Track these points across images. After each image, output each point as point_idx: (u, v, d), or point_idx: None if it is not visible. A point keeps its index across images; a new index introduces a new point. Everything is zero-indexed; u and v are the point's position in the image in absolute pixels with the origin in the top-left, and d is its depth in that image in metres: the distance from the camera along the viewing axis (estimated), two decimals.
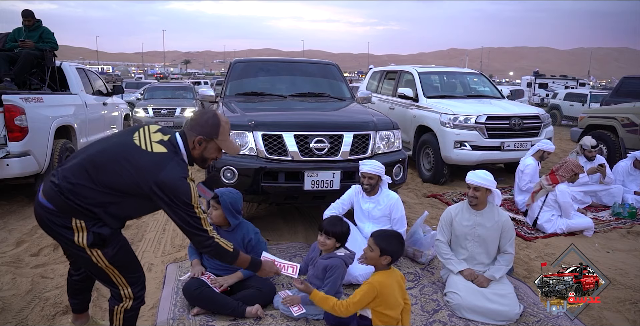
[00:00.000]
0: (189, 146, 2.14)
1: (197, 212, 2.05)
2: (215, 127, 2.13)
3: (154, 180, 1.96)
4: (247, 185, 3.74)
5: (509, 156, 6.37)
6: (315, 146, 3.82)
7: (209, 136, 2.13)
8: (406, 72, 7.99)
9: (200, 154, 2.17)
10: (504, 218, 3.18)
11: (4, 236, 4.42)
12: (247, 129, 3.88)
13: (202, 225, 2.08)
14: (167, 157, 2.03)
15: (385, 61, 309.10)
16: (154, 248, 4.14)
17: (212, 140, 2.14)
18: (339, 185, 3.82)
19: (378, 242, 2.47)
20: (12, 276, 3.51)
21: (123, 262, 2.16)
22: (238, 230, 3.07)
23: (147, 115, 11.66)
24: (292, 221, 4.83)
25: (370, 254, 2.48)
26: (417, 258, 3.77)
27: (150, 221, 4.86)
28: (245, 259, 2.32)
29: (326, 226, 2.88)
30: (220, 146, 2.18)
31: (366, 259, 2.52)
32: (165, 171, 1.97)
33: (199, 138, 2.12)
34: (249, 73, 5.80)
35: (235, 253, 2.23)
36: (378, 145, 4.09)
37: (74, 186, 1.99)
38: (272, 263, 2.54)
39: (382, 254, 2.45)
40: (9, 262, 3.78)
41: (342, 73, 6.08)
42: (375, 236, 2.52)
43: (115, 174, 1.99)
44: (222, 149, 2.20)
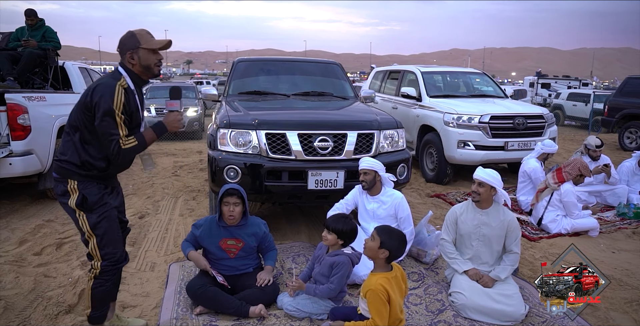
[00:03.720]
0: (128, 68, 2.38)
1: (117, 119, 2.25)
2: (132, 38, 2.36)
3: (88, 93, 2.28)
4: (251, 184, 3.72)
5: (513, 156, 6.34)
6: (319, 145, 3.80)
7: (133, 47, 2.35)
8: (409, 72, 7.97)
9: (140, 66, 2.37)
10: (509, 217, 3.16)
11: (7, 235, 4.41)
12: (251, 128, 3.85)
13: (117, 129, 2.26)
14: (101, 78, 2.37)
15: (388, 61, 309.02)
16: (156, 247, 4.13)
17: (138, 48, 2.35)
18: (343, 184, 3.80)
19: (380, 233, 2.48)
20: (15, 275, 3.51)
21: (103, 233, 2.40)
22: (250, 225, 3.09)
23: (149, 115, 11.65)
24: (295, 220, 4.81)
25: (370, 244, 2.48)
26: (421, 258, 3.75)
27: (153, 221, 4.86)
28: (150, 133, 2.42)
29: (329, 221, 2.92)
30: (150, 49, 2.36)
31: (365, 249, 2.52)
32: (96, 85, 2.29)
33: (128, 54, 2.36)
34: (252, 72, 5.78)
35: (142, 140, 2.36)
36: (382, 144, 4.07)
37: (62, 148, 2.40)
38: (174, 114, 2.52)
39: (381, 247, 2.43)
40: (11, 261, 3.78)
41: (345, 72, 6.06)
42: (378, 228, 2.55)
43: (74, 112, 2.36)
44: (154, 50, 2.37)
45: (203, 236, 3.05)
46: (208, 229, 3.06)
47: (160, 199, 5.74)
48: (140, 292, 3.25)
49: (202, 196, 5.83)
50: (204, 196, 5.80)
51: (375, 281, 2.42)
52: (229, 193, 2.96)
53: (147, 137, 2.38)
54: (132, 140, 2.30)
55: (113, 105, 2.22)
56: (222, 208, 2.99)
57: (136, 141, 2.31)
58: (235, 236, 3.04)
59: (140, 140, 2.34)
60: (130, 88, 2.36)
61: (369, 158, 3.63)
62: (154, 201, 5.62)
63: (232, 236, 3.03)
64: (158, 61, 2.42)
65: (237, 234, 3.04)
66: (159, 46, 2.38)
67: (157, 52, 2.40)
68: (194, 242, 3.09)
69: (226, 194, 2.96)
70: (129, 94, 2.34)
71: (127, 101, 2.30)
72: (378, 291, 2.38)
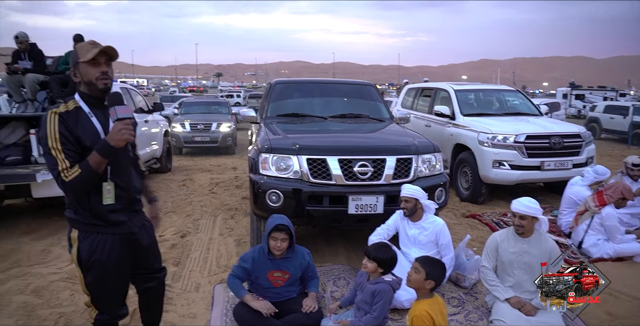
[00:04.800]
0: (78, 88, 2.18)
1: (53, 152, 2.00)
2: (74, 54, 2.14)
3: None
4: (292, 208, 3.82)
5: (549, 176, 6.28)
6: (358, 170, 3.88)
7: (74, 63, 2.14)
8: (442, 90, 8.00)
9: (83, 82, 2.14)
10: (550, 245, 3.16)
11: (59, 252, 4.60)
12: (292, 153, 3.96)
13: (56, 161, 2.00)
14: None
15: (415, 73, 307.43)
16: (199, 267, 4.25)
17: (78, 63, 2.12)
18: (383, 209, 3.86)
19: (424, 265, 2.54)
20: (70, 292, 3.67)
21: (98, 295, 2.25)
22: (295, 256, 3.14)
23: (184, 130, 11.99)
24: (334, 242, 4.88)
25: (415, 276, 2.54)
26: (460, 283, 3.77)
27: (194, 240, 5.00)
28: (93, 156, 2.02)
29: (369, 250, 2.97)
30: (86, 62, 2.09)
31: (410, 282, 2.57)
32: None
33: (71, 71, 2.17)
34: (289, 94, 5.92)
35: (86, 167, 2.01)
36: (420, 169, 4.12)
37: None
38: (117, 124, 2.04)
39: (427, 278, 2.51)
40: (65, 278, 3.94)
41: (379, 93, 6.15)
42: (420, 260, 2.60)
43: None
44: (89, 62, 2.09)
45: (251, 270, 3.09)
46: (255, 262, 3.09)
47: (199, 217, 5.90)
48: (188, 313, 3.36)
49: (240, 214, 5.97)
50: (242, 214, 5.94)
51: (420, 308, 2.51)
52: (278, 228, 2.99)
53: (91, 162, 2.00)
54: (75, 170, 1.99)
55: (47, 137, 2.01)
56: (270, 241, 3.01)
57: (79, 170, 1.99)
58: (282, 268, 3.09)
59: (84, 167, 2.00)
60: (82, 110, 2.12)
61: (411, 186, 3.68)
62: (194, 220, 5.78)
63: (279, 268, 3.09)
64: (100, 74, 2.11)
65: (284, 266, 3.10)
66: (92, 56, 2.07)
67: (101, 64, 2.11)
68: (243, 276, 3.11)
69: (275, 230, 2.99)
70: (80, 116, 2.09)
71: (71, 125, 2.05)
72: (423, 317, 2.46)
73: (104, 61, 2.13)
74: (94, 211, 2.13)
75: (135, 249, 2.31)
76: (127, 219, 2.24)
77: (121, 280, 2.31)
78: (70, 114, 2.08)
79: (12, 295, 3.61)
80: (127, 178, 2.25)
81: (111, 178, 2.14)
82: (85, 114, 2.12)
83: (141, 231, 2.34)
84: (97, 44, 2.12)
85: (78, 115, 2.10)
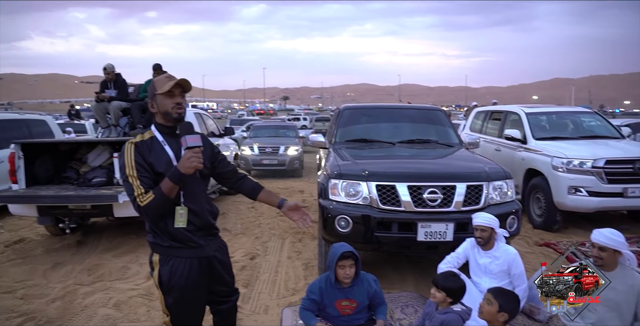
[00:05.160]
0: (154, 119, 2.35)
1: (130, 179, 2.18)
2: (152, 86, 2.30)
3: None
4: (361, 234, 3.87)
5: (634, 204, 5.91)
6: (428, 197, 3.87)
7: (152, 95, 2.30)
8: (512, 113, 7.80)
9: (159, 113, 2.30)
10: (638, 282, 2.98)
11: (136, 269, 4.90)
12: (361, 179, 4.03)
13: (133, 188, 2.17)
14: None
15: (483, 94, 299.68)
16: (268, 289, 4.36)
17: (155, 95, 2.27)
18: (452, 236, 3.82)
19: (497, 297, 2.48)
20: (147, 308, 3.89)
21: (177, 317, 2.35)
22: (361, 283, 3.13)
23: (252, 153, 12.41)
24: (402, 268, 4.85)
25: (487, 308, 2.49)
26: (535, 316, 3.61)
27: (263, 262, 5.14)
28: (165, 182, 2.16)
29: (437, 280, 2.93)
30: (163, 94, 2.25)
31: (482, 314, 2.52)
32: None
33: (149, 103, 2.33)
34: (357, 119, 6.02)
35: (159, 192, 2.16)
36: (491, 196, 4.04)
37: None
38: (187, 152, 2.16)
39: (500, 310, 2.45)
40: (142, 294, 4.18)
41: (448, 118, 6.12)
42: (493, 291, 2.55)
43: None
44: (165, 94, 2.25)
45: (319, 300, 3.09)
46: (323, 291, 3.10)
47: (267, 240, 6.07)
48: None
49: (308, 238, 6.07)
50: (310, 238, 6.05)
51: None
52: (345, 256, 2.99)
53: (164, 188, 2.15)
54: (149, 196, 2.14)
55: (125, 166, 2.20)
56: (338, 271, 3.02)
57: (153, 195, 2.14)
58: (349, 296, 3.10)
59: (158, 193, 2.15)
60: (157, 139, 2.29)
61: (485, 214, 3.58)
62: (262, 242, 5.95)
63: (346, 296, 3.09)
64: (175, 105, 2.26)
65: (351, 294, 3.09)
66: (168, 89, 2.23)
67: (176, 95, 2.28)
68: (313, 308, 3.11)
69: (341, 258, 2.99)
70: (154, 145, 2.27)
71: (146, 153, 2.23)
72: None
73: (179, 92, 2.29)
74: (171, 234, 2.26)
75: (211, 273, 2.42)
76: (203, 243, 2.35)
77: (198, 302, 2.41)
78: (145, 143, 2.26)
79: (97, 307, 3.92)
80: (199, 203, 2.35)
81: (184, 202, 2.27)
82: (159, 143, 2.28)
83: (217, 254, 2.45)
84: (172, 77, 2.29)
85: (152, 144, 2.27)
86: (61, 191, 5.51)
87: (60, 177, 6.19)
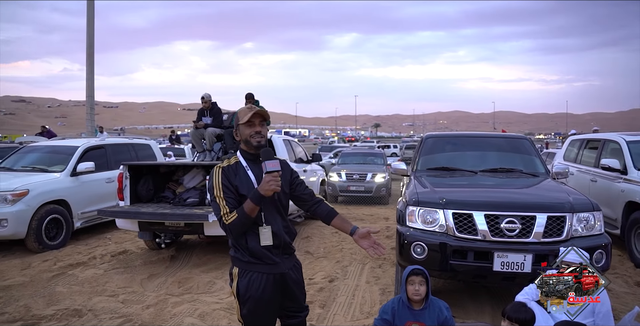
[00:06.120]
0: (239, 146, 2.60)
1: (217, 199, 2.42)
2: (236, 118, 2.54)
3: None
4: (436, 262, 3.90)
5: None
6: (506, 226, 3.83)
7: (236, 124, 2.54)
8: (612, 141, 7.35)
9: (242, 140, 2.53)
10: None
11: (222, 285, 5.27)
12: (438, 206, 4.08)
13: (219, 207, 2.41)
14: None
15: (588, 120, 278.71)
16: (344, 312, 4.49)
17: (238, 125, 2.51)
18: (531, 268, 3.73)
19: None
20: (228, 321, 4.21)
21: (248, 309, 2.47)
22: (432, 307, 3.19)
23: (340, 179, 12.69)
24: (479, 298, 4.76)
25: None
26: None
27: (342, 285, 5.28)
28: (247, 203, 2.37)
29: (508, 311, 2.90)
30: (244, 124, 2.48)
31: None
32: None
33: (234, 132, 2.59)
34: (440, 148, 6.07)
35: (242, 212, 2.37)
36: (575, 228, 3.90)
37: None
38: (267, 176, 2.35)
39: None
40: (225, 308, 4.51)
41: (535, 146, 5.95)
42: (560, 324, 2.50)
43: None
44: (245, 123, 2.47)
45: (391, 321, 3.19)
46: (395, 312, 3.19)
47: (348, 264, 6.21)
48: None
49: (388, 264, 6.13)
50: (390, 264, 6.10)
51: None
52: (415, 272, 3.11)
53: (246, 208, 2.36)
54: (233, 215, 2.37)
55: (213, 187, 2.44)
56: (408, 287, 3.12)
57: (236, 214, 2.37)
58: (419, 319, 3.15)
59: (240, 212, 2.36)
60: (241, 164, 2.52)
61: (579, 251, 3.39)
62: (343, 266, 6.10)
63: (416, 319, 3.15)
64: (254, 133, 2.47)
65: (421, 317, 3.15)
66: (248, 119, 2.45)
67: (255, 124, 2.49)
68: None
69: (411, 274, 3.11)
70: (238, 169, 2.50)
71: (231, 177, 2.46)
72: None
73: (258, 122, 2.50)
74: (250, 250, 2.45)
75: (284, 288, 2.56)
76: (279, 261, 2.51)
77: (270, 315, 2.55)
78: (231, 167, 2.51)
79: (184, 316, 4.32)
80: (277, 223, 2.52)
81: (265, 222, 2.47)
82: (243, 167, 2.51)
83: (291, 272, 2.59)
84: (252, 108, 2.51)
85: (237, 168, 2.51)
86: (159, 209, 6.12)
87: (159, 196, 6.87)
